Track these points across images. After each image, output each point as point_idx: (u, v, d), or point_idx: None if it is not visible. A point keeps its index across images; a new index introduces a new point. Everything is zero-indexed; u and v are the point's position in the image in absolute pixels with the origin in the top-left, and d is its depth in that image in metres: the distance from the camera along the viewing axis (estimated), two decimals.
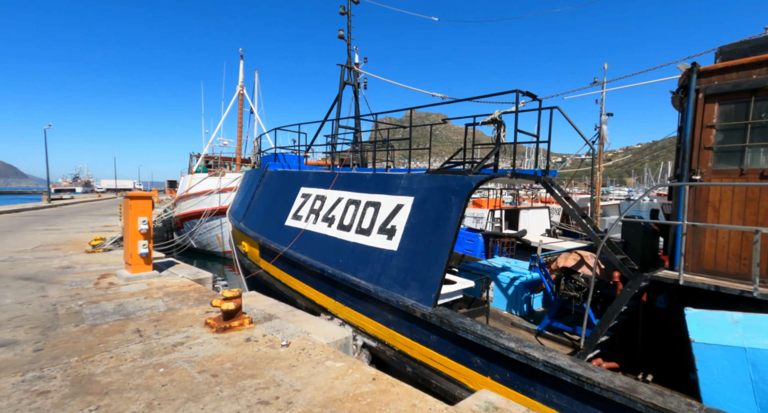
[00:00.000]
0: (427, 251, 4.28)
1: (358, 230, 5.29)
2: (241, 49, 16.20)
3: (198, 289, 5.33)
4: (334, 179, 6.24)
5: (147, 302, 4.63)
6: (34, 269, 6.34)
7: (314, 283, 5.65)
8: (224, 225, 13.83)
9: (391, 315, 4.37)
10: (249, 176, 9.22)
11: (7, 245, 8.85)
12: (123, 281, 5.62)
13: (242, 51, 16.36)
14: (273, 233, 6.81)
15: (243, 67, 16.51)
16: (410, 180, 4.99)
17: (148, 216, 5.84)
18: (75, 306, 4.46)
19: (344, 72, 9.45)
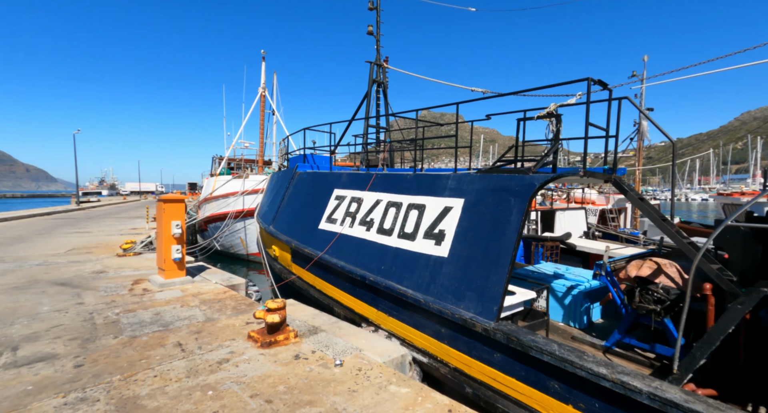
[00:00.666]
0: (484, 259, 3.88)
1: (400, 235, 4.94)
2: (263, 50, 16.23)
3: (233, 297, 5.10)
4: (370, 180, 5.91)
5: (184, 311, 4.41)
6: (69, 274, 6.28)
7: (353, 290, 5.33)
8: (248, 227, 13.77)
9: (443, 328, 3.99)
10: (277, 178, 9.02)
11: (41, 248, 8.95)
12: (157, 287, 5.45)
13: (264, 52, 16.36)
14: (306, 237, 6.54)
15: (265, 68, 16.51)
16: (459, 181, 4.59)
17: (182, 220, 5.67)
18: (112, 315, 4.28)
19: (373, 69, 9.13)
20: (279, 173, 9.04)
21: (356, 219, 5.80)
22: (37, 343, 3.50)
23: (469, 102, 5.28)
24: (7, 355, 3.23)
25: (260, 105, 17.17)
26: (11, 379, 2.83)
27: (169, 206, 5.57)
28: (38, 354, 3.25)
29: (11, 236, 11.08)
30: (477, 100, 5.44)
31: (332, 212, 6.37)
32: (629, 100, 4.09)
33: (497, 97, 5.92)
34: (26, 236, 11.10)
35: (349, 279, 5.36)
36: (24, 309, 4.46)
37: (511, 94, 5.48)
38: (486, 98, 5.62)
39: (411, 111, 5.88)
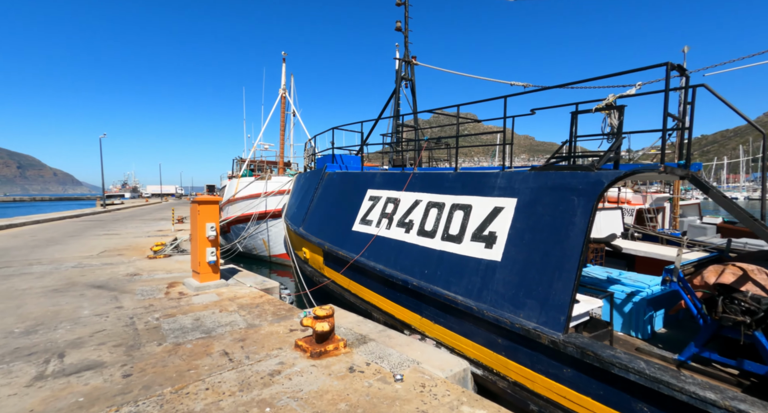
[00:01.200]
0: (545, 264, 3.57)
1: (445, 237, 4.67)
2: (284, 52, 16.25)
3: (271, 301, 4.94)
4: (407, 180, 5.66)
5: (224, 317, 4.27)
6: (104, 277, 6.28)
7: (393, 295, 5.09)
8: (271, 229, 13.74)
9: (500, 338, 3.70)
10: (304, 179, 8.89)
11: (74, 250, 9.09)
12: (192, 291, 5.35)
13: (285, 54, 16.39)
14: (339, 239, 6.35)
15: (285, 70, 16.54)
16: (510, 179, 4.29)
17: (216, 222, 5.56)
18: (152, 320, 4.17)
19: (401, 66, 8.89)
20: (306, 174, 8.90)
21: (393, 221, 5.56)
22: (82, 349, 3.40)
23: (515, 96, 4.97)
24: (54, 362, 3.13)
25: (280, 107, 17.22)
26: (62, 389, 2.71)
27: (203, 208, 5.47)
28: (85, 362, 3.14)
29: (45, 238, 11.36)
30: (520, 95, 5.12)
31: (366, 213, 6.15)
32: (706, 87, 3.71)
33: (538, 92, 5.58)
34: (59, 238, 11.36)
35: (388, 283, 5.12)
36: (66, 313, 4.41)
37: (560, 86, 5.14)
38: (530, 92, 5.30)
39: (449, 106, 5.60)
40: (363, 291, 5.70)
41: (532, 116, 5.03)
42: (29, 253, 8.58)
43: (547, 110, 6.40)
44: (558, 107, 4.59)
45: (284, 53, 16.48)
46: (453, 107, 5.50)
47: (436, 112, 5.86)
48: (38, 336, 3.71)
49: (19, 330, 3.89)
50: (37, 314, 4.38)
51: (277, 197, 12.93)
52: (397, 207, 5.62)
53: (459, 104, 5.20)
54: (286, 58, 16.51)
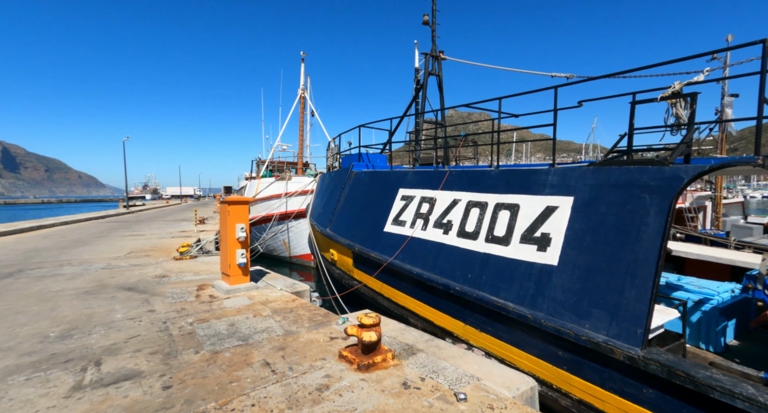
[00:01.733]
0: (613, 269, 3.21)
1: (489, 239, 4.35)
2: (303, 52, 16.21)
3: (304, 306, 4.73)
4: (444, 178, 5.36)
5: (259, 323, 4.08)
6: (133, 278, 6.23)
7: (432, 300, 4.80)
8: (291, 229, 13.66)
9: (561, 350, 3.36)
10: (329, 178, 8.70)
11: (102, 251, 9.18)
12: (223, 294, 5.20)
13: (304, 54, 16.34)
14: (370, 241, 6.10)
15: (304, 70, 16.49)
16: (563, 176, 3.94)
17: (246, 223, 5.40)
18: (186, 325, 4.02)
19: (428, 61, 8.59)
20: (331, 174, 8.71)
21: (430, 221, 5.27)
22: (118, 357, 3.25)
23: (563, 87, 4.61)
24: (92, 371, 2.98)
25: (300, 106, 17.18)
26: (101, 401, 2.54)
27: (233, 209, 5.32)
28: (122, 371, 2.98)
29: (73, 239, 11.57)
30: (566, 86, 4.74)
31: (399, 213, 5.88)
32: None
33: (578, 85, 5.17)
34: (86, 239, 11.55)
35: (426, 288, 4.84)
36: (98, 316, 4.31)
37: (610, 76, 4.75)
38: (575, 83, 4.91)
39: (489, 100, 5.27)
40: (397, 295, 5.43)
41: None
42: (59, 254, 8.70)
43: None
44: (612, 97, 4.21)
45: (303, 53, 16.44)
46: (493, 101, 5.16)
47: (473, 106, 5.54)
48: (73, 341, 3.59)
49: (54, 334, 3.79)
50: (71, 317, 4.30)
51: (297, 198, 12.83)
52: (433, 207, 5.33)
53: (501, 97, 4.87)
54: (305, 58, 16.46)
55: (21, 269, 7.00)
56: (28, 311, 4.52)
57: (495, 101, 5.22)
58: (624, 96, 4.18)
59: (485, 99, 5.34)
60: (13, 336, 3.72)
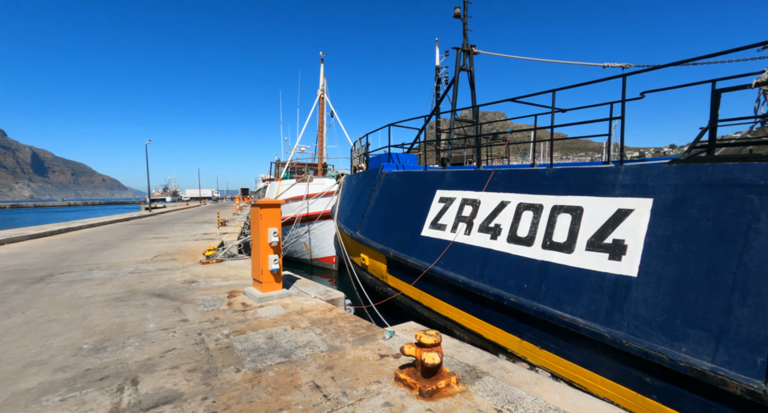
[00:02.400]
0: (714, 283, 2.75)
1: (547, 245, 3.93)
2: (323, 52, 16.04)
3: (343, 316, 4.42)
4: (488, 179, 4.97)
5: (299, 336, 3.78)
6: (162, 284, 6.08)
7: (480, 312, 4.41)
8: (312, 232, 13.46)
9: (650, 376, 2.92)
10: (357, 180, 8.40)
11: (128, 254, 9.16)
12: (256, 302, 4.95)
13: (323, 54, 16.18)
14: (405, 245, 5.76)
15: (323, 71, 16.32)
16: (638, 175, 3.49)
17: (279, 227, 5.15)
18: (222, 338, 3.77)
19: (459, 56, 8.19)
20: (359, 175, 8.42)
21: (474, 225, 4.88)
22: (155, 374, 3.01)
23: (618, 78, 4.15)
24: (129, 391, 2.74)
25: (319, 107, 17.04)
26: None
27: (266, 212, 5.07)
28: (161, 392, 2.73)
29: (100, 242, 11.69)
30: (633, 74, 4.27)
31: (437, 216, 5.51)
32: None
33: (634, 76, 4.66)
34: (113, 242, 11.65)
35: (474, 298, 4.45)
36: (131, 326, 4.12)
37: (674, 64, 4.24)
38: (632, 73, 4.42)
39: (539, 93, 4.84)
40: (439, 305, 5.06)
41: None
42: (88, 257, 8.72)
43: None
44: (688, 86, 3.72)
45: (323, 53, 16.28)
46: (544, 94, 4.74)
47: (519, 100, 5.12)
48: (107, 355, 3.38)
49: (88, 346, 3.60)
50: (103, 327, 4.12)
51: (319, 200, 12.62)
52: (477, 210, 4.94)
53: (554, 89, 4.44)
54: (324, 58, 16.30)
55: (51, 273, 6.99)
56: (60, 319, 4.38)
57: (543, 95, 4.80)
58: (700, 84, 3.70)
59: (525, 94, 4.87)
60: (47, 348, 3.55)
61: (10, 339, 3.79)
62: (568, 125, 4.39)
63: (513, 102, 5.07)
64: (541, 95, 5.02)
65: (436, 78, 19.03)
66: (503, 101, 5.17)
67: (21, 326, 4.16)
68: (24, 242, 11.84)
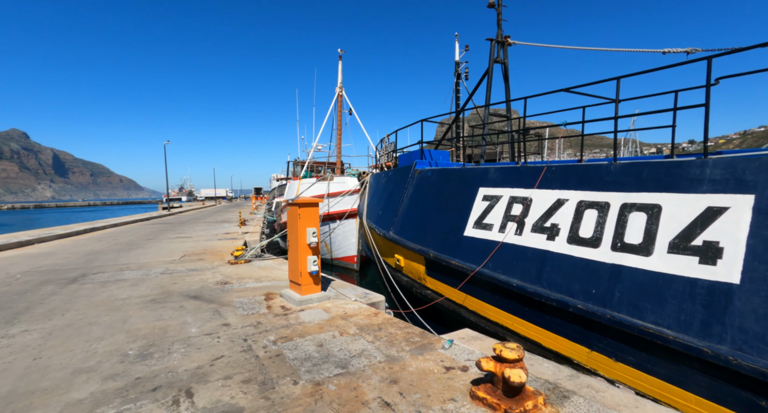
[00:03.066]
0: None
1: (618, 247, 3.60)
2: (341, 49, 15.85)
3: (391, 322, 4.17)
4: (540, 175, 4.64)
5: (349, 343, 3.56)
6: (196, 285, 5.95)
7: (539, 318, 4.10)
8: (333, 231, 13.29)
9: (765, 400, 2.59)
10: (388, 178, 8.15)
11: (156, 254, 9.14)
12: (296, 305, 4.75)
13: (341, 51, 16.00)
14: (446, 246, 5.48)
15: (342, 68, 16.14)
16: (733, 168, 3.12)
17: (317, 226, 4.94)
18: (269, 344, 3.57)
19: (494, 47, 7.83)
20: (389, 173, 8.17)
21: (525, 224, 4.57)
22: (209, 385, 2.82)
23: (701, 61, 3.76)
24: (185, 404, 2.55)
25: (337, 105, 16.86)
26: None
27: (304, 211, 4.86)
28: (220, 406, 2.53)
29: (126, 242, 11.76)
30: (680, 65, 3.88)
31: (482, 215, 5.21)
32: None
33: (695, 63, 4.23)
34: (138, 242, 11.70)
35: (531, 303, 4.14)
36: (173, 331, 3.97)
37: (754, 47, 3.83)
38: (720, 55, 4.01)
39: (600, 82, 4.49)
40: (487, 309, 4.76)
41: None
42: (117, 257, 8.72)
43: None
44: None
45: (341, 50, 16.08)
46: (605, 82, 4.37)
47: (572, 91, 4.77)
48: (155, 362, 3.22)
49: (133, 351, 3.45)
50: (145, 330, 3.98)
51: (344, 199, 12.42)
52: (529, 208, 4.62)
53: (619, 77, 4.08)
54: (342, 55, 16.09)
55: (84, 273, 6.96)
56: (101, 322, 4.27)
57: (605, 83, 4.44)
58: None
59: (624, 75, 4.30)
60: (92, 353, 3.41)
61: (54, 342, 3.68)
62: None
63: (567, 92, 4.72)
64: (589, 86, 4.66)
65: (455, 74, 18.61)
66: (556, 92, 4.83)
67: (63, 329, 4.06)
68: (53, 241, 12.02)
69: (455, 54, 18.10)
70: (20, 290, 5.71)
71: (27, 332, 3.98)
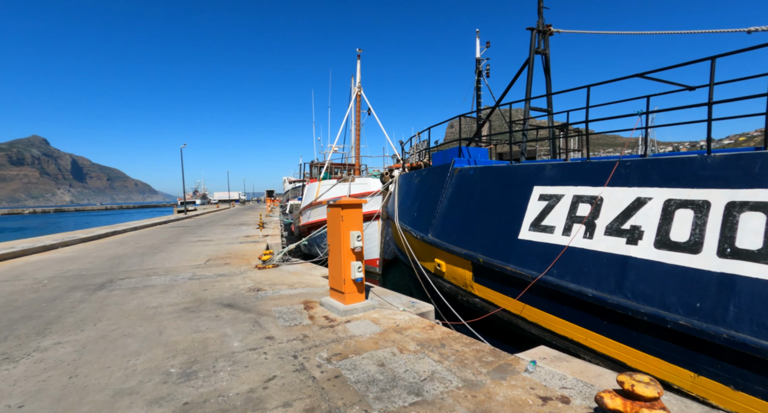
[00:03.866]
0: None
1: (727, 253, 3.09)
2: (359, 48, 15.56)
3: (452, 336, 3.74)
4: (612, 170, 4.16)
5: (414, 362, 3.14)
6: (227, 292, 5.63)
7: (623, 334, 3.60)
8: None
9: None
10: (421, 178, 7.72)
11: (181, 258, 8.91)
12: (340, 316, 4.37)
13: (360, 51, 15.72)
14: (498, 250, 5.02)
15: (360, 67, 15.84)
16: None
17: (362, 230, 4.55)
18: (323, 362, 3.18)
19: (534, 37, 7.36)
20: (421, 172, 7.75)
21: (596, 226, 4.08)
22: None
23: None
24: None
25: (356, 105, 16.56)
26: None
27: (347, 213, 4.48)
28: None
29: (148, 245, 11.63)
30: None
31: (539, 216, 4.74)
32: None
33: None
34: (160, 245, 11.55)
35: (614, 317, 3.65)
36: (214, 344, 3.62)
37: None
38: None
39: (694, 62, 3.98)
40: (551, 321, 4.28)
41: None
42: (141, 261, 8.52)
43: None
44: None
45: (359, 50, 15.79)
46: (696, 63, 3.86)
47: (646, 77, 4.28)
48: (201, 383, 2.86)
49: (176, 370, 3.11)
50: (183, 344, 3.65)
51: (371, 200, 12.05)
52: (600, 208, 4.13)
53: (714, 56, 3.58)
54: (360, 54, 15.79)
55: (111, 279, 6.74)
56: (135, 333, 3.96)
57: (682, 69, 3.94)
58: None
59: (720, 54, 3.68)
60: (132, 371, 3.08)
61: (89, 357, 3.37)
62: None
63: (641, 77, 4.23)
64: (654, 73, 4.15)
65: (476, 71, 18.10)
66: (630, 77, 4.33)
67: (97, 341, 3.76)
68: (76, 245, 11.98)
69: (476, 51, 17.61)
70: (49, 297, 5.49)
71: (60, 344, 3.69)
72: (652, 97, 4.29)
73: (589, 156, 4.88)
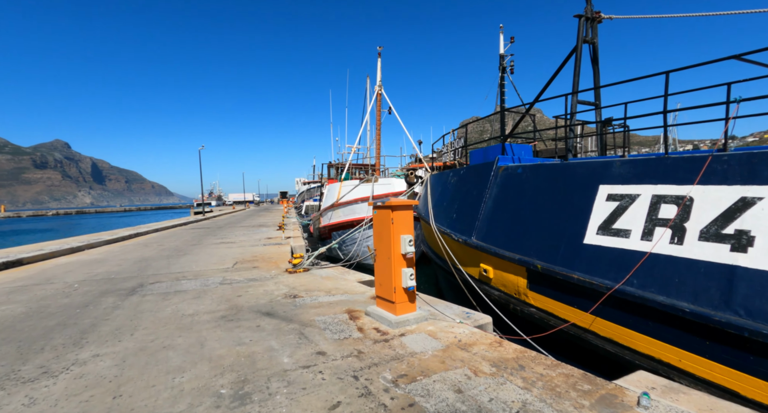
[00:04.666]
0: None
1: None
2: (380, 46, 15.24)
3: (528, 355, 3.31)
4: (704, 166, 3.66)
5: (497, 389, 2.73)
6: (263, 299, 5.33)
7: (734, 358, 3.10)
8: None
9: None
10: (459, 177, 7.30)
11: (207, 261, 8.71)
12: (392, 328, 3.99)
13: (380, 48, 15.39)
14: (559, 255, 4.56)
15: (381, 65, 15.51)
16: None
17: (413, 233, 4.17)
18: (390, 385, 2.80)
19: (582, 25, 6.85)
20: (459, 171, 7.32)
21: (686, 230, 3.59)
22: None
23: None
24: None
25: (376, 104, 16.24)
26: None
27: (398, 216, 4.11)
28: None
29: (172, 247, 11.53)
30: None
31: (609, 219, 4.26)
32: None
33: None
34: (184, 248, 11.43)
35: (721, 337, 3.15)
36: (262, 361, 3.29)
37: None
38: None
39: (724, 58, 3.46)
40: (634, 339, 3.79)
41: None
42: (168, 265, 8.35)
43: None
44: None
45: (380, 47, 15.47)
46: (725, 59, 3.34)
47: (742, 58, 3.78)
48: (259, 409, 2.52)
49: (226, 390, 2.78)
50: (229, 359, 3.33)
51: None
52: (690, 210, 3.64)
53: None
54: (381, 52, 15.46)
55: (141, 283, 6.54)
56: (176, 345, 3.67)
57: None
58: None
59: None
60: (179, 391, 2.77)
61: (131, 373, 3.08)
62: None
63: (737, 60, 3.72)
64: None
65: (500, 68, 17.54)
66: (726, 59, 3.81)
67: (136, 353, 3.49)
68: (101, 247, 11.99)
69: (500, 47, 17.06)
70: (81, 303, 5.29)
71: (98, 357, 3.43)
72: (736, 85, 3.79)
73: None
